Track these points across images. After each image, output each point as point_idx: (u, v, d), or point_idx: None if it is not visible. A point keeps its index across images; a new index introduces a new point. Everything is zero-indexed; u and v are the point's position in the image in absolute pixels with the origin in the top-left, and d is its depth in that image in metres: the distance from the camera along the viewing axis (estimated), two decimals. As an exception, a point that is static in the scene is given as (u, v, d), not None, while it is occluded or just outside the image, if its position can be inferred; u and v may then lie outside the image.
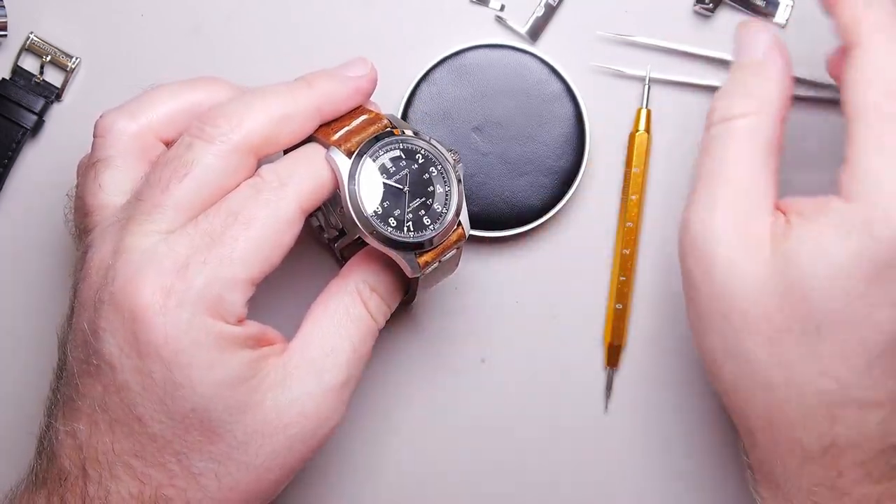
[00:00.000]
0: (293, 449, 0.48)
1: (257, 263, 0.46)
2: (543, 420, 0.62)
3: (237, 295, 0.46)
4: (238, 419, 0.46)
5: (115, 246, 0.46)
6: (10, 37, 0.61)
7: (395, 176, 0.50)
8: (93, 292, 0.46)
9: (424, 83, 0.60)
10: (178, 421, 0.45)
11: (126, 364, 0.45)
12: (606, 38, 0.62)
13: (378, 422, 0.62)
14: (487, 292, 0.62)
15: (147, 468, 0.46)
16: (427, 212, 0.50)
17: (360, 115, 0.52)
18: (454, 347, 0.62)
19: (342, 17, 0.62)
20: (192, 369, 0.45)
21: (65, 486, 0.46)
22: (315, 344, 0.49)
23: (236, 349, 0.46)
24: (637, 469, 0.62)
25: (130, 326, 0.44)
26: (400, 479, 0.62)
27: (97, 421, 0.46)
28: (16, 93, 0.61)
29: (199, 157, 0.47)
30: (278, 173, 0.48)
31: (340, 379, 0.49)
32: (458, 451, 0.62)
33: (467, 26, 0.62)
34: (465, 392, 0.62)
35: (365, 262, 0.52)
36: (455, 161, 0.51)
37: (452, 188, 0.51)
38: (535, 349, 0.62)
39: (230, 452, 0.46)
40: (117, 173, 0.49)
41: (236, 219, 0.46)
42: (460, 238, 0.51)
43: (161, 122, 0.51)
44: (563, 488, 0.62)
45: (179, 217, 0.46)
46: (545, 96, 0.60)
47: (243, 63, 0.62)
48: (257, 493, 0.48)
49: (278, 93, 0.49)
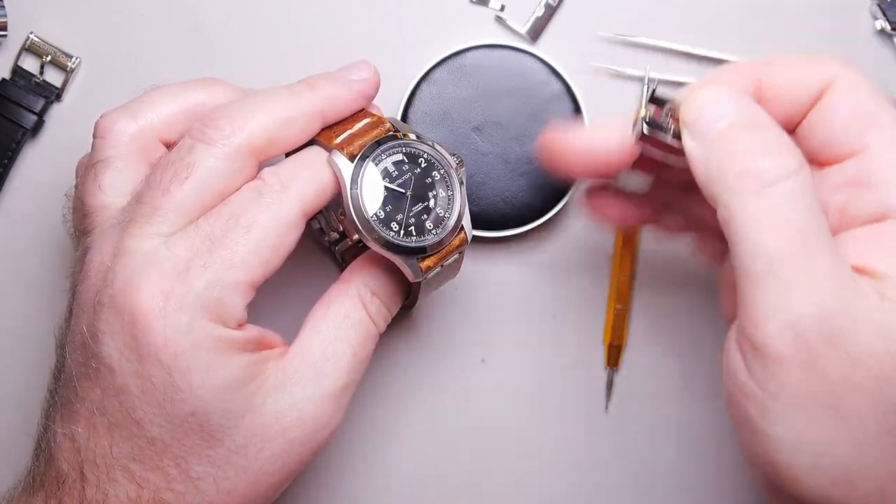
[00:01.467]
0: (292, 453, 0.48)
1: (258, 267, 0.46)
2: (543, 420, 0.62)
3: (237, 298, 0.46)
4: (237, 423, 0.46)
5: (115, 248, 0.46)
6: (10, 37, 0.61)
7: (398, 180, 0.50)
8: (92, 294, 0.46)
9: (424, 83, 0.60)
10: (177, 425, 0.45)
11: (125, 367, 0.45)
12: (606, 38, 0.62)
13: (378, 422, 0.62)
14: (487, 292, 0.62)
15: (145, 472, 0.46)
16: (429, 216, 0.50)
17: (362, 118, 0.51)
18: (454, 348, 0.62)
19: (342, 17, 0.62)
20: (192, 373, 0.44)
21: (62, 489, 0.46)
22: (315, 348, 0.49)
23: (236, 353, 0.46)
24: (637, 469, 0.62)
25: (130, 329, 0.44)
26: (400, 479, 0.62)
27: (96, 424, 0.46)
28: (16, 93, 0.61)
29: (201, 160, 0.47)
30: (280, 176, 0.48)
31: (340, 383, 0.49)
32: (459, 452, 0.62)
33: (467, 26, 0.62)
34: (465, 392, 0.62)
35: (366, 266, 0.52)
36: (458, 165, 0.51)
37: (455, 192, 0.51)
38: (535, 349, 0.62)
39: (229, 456, 0.46)
40: (117, 174, 0.49)
41: (237, 222, 0.46)
42: (463, 242, 0.51)
43: (162, 123, 0.50)
44: (564, 488, 0.62)
45: (180, 220, 0.46)
46: (545, 96, 0.60)
47: (243, 63, 0.62)
48: (255, 497, 0.47)
49: (281, 95, 0.49)
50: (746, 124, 0.44)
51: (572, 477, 0.62)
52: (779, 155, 0.43)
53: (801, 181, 0.42)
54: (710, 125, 0.44)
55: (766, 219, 0.41)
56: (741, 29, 0.62)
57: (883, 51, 0.62)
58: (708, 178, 0.44)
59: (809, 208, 0.42)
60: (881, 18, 0.60)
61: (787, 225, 0.41)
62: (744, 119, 0.44)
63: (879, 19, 0.61)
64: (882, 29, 0.61)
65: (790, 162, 0.42)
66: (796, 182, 0.42)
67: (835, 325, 0.40)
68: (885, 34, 0.61)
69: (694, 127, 0.45)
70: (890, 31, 0.60)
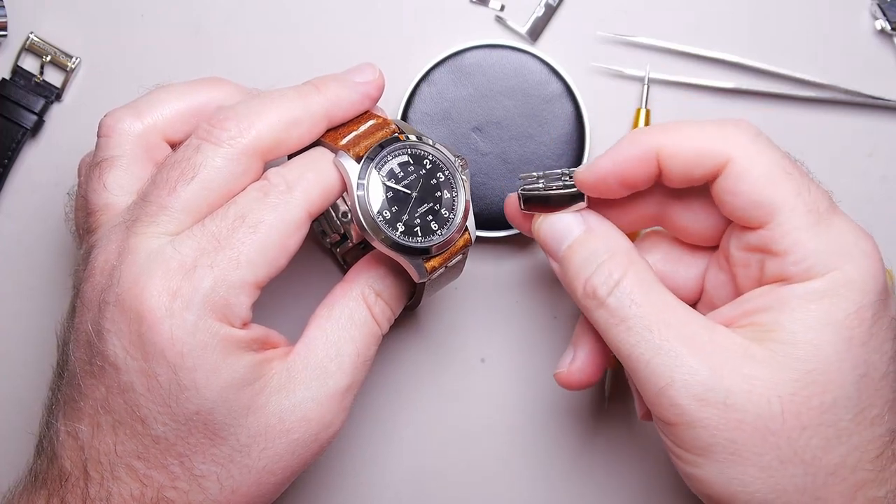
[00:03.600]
0: (295, 453, 0.48)
1: (263, 266, 0.46)
2: (543, 420, 0.62)
3: (243, 298, 0.46)
4: (241, 422, 0.46)
5: (121, 247, 0.46)
6: (10, 37, 0.61)
7: (404, 181, 0.50)
8: (97, 293, 0.46)
9: (424, 83, 0.60)
10: (181, 423, 0.45)
11: (131, 365, 0.45)
12: (606, 38, 0.62)
13: (378, 421, 0.62)
14: (487, 292, 0.62)
15: (149, 470, 0.46)
16: (434, 217, 0.50)
17: (367, 119, 0.51)
18: (454, 347, 0.62)
19: (342, 18, 0.62)
20: (197, 372, 0.45)
21: (65, 486, 0.46)
22: (319, 348, 0.49)
23: (241, 352, 0.46)
24: (637, 469, 0.62)
25: (136, 328, 0.44)
26: (400, 478, 0.62)
27: (100, 422, 0.46)
28: (16, 93, 0.61)
29: (207, 160, 0.47)
30: (286, 177, 0.48)
31: (344, 384, 0.49)
32: (458, 451, 0.62)
33: (467, 26, 0.62)
34: (465, 392, 0.62)
35: (370, 267, 0.52)
36: (462, 166, 0.51)
37: (459, 193, 0.51)
38: (535, 349, 0.62)
39: (233, 455, 0.46)
40: (122, 173, 0.49)
41: (243, 222, 0.46)
42: (467, 243, 0.51)
43: (166, 123, 0.50)
44: (564, 488, 0.62)
45: (186, 219, 0.46)
46: (545, 96, 0.60)
47: (243, 63, 0.62)
48: (258, 496, 0.47)
49: (287, 97, 0.49)
50: (579, 244, 0.50)
51: (572, 476, 0.62)
52: (605, 269, 0.49)
53: (627, 284, 0.48)
54: (556, 250, 0.51)
55: (616, 322, 0.47)
56: (741, 29, 0.62)
57: (883, 51, 0.62)
58: (568, 291, 0.51)
59: (643, 300, 0.48)
60: (881, 18, 0.61)
61: (635, 320, 0.47)
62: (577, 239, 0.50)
63: (879, 19, 0.61)
64: (882, 29, 0.61)
65: (615, 272, 0.48)
66: (624, 287, 0.48)
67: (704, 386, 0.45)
68: (885, 34, 0.61)
69: (547, 249, 0.52)
70: (890, 31, 0.61)
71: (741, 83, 0.61)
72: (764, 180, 0.47)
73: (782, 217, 0.46)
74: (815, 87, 0.61)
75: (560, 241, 0.51)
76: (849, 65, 0.62)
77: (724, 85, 0.61)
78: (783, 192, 0.47)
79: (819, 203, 0.47)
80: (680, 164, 0.48)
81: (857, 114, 0.62)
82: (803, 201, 0.46)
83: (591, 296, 0.48)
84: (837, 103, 0.61)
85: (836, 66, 0.62)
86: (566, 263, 0.50)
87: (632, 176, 0.49)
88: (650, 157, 0.48)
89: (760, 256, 0.48)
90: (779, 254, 0.47)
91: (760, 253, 0.48)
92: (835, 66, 0.62)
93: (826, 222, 0.46)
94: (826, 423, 0.45)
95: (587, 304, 0.49)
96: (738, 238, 0.49)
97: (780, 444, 0.44)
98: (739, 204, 0.47)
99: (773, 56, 0.61)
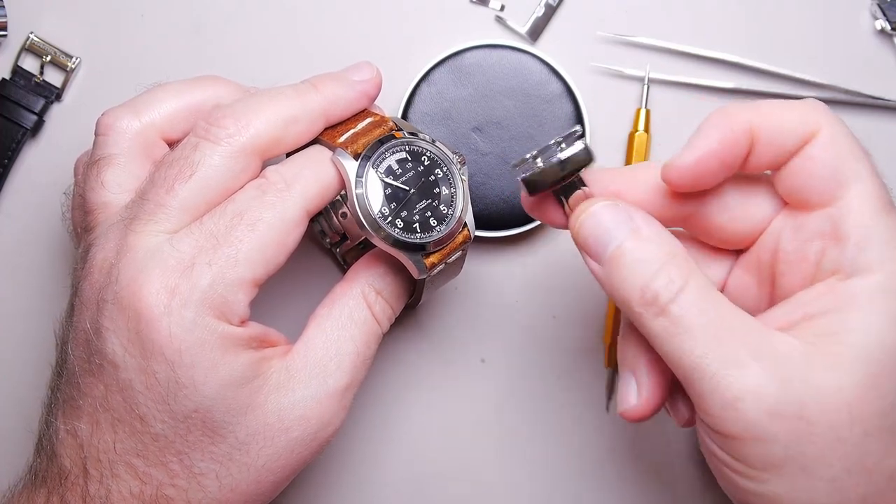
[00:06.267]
0: (294, 451, 0.48)
1: (262, 264, 0.46)
2: (544, 420, 0.62)
3: (241, 296, 0.46)
4: (240, 420, 0.46)
5: (119, 245, 0.46)
6: (10, 37, 0.61)
7: (402, 178, 0.50)
8: (96, 291, 0.46)
9: (424, 83, 0.60)
10: (180, 421, 0.45)
11: (129, 363, 0.45)
12: (606, 38, 0.62)
13: (377, 421, 0.62)
14: (487, 292, 0.62)
15: (148, 467, 0.46)
16: (433, 213, 0.50)
17: (365, 117, 0.52)
18: (454, 347, 0.62)
19: (342, 17, 0.62)
20: (196, 369, 0.45)
21: (65, 485, 0.46)
22: (319, 347, 0.49)
23: (240, 350, 0.46)
24: (637, 468, 0.62)
25: (135, 326, 0.44)
26: (400, 477, 0.62)
27: (99, 420, 0.46)
28: (16, 93, 0.61)
29: (205, 158, 0.47)
30: (284, 175, 0.48)
31: (343, 383, 0.49)
32: (458, 451, 0.62)
33: (467, 26, 0.62)
34: (465, 392, 0.62)
35: (370, 266, 0.52)
36: (460, 163, 0.51)
37: (458, 190, 0.51)
38: (535, 349, 0.62)
39: (231, 453, 0.46)
40: (120, 171, 0.49)
41: (241, 220, 0.46)
42: (466, 239, 0.51)
43: (164, 121, 0.51)
44: (564, 488, 0.62)
45: (184, 217, 0.46)
46: (545, 96, 0.60)
47: (243, 63, 0.62)
48: (257, 494, 0.48)
49: (285, 95, 0.49)
50: (630, 245, 0.45)
51: (572, 476, 0.62)
52: (664, 274, 0.44)
53: (690, 291, 0.44)
54: (601, 252, 0.46)
55: (678, 332, 0.43)
56: (741, 29, 0.62)
57: (883, 51, 0.62)
58: (615, 298, 0.46)
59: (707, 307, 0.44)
60: (881, 18, 0.61)
61: (700, 329, 0.43)
62: (627, 240, 0.45)
63: (879, 19, 0.61)
64: (882, 29, 0.61)
65: (676, 278, 0.44)
66: (688, 294, 0.44)
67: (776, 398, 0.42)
68: (885, 34, 0.61)
69: (588, 251, 0.46)
70: (890, 31, 0.61)
71: (741, 83, 0.61)
72: (846, 152, 0.45)
73: (854, 191, 0.44)
74: (815, 87, 0.61)
75: (606, 242, 0.45)
76: (849, 65, 0.62)
77: (724, 85, 0.61)
78: (861, 169, 0.45)
79: (886, 192, 0.45)
80: (775, 135, 0.46)
81: (857, 114, 0.62)
82: (876, 185, 0.45)
83: (651, 303, 0.44)
84: (837, 103, 0.61)
85: (836, 66, 0.62)
86: (613, 267, 0.45)
87: (731, 155, 0.46)
88: (746, 131, 0.46)
89: (820, 245, 0.45)
90: (842, 237, 0.44)
91: (820, 240, 0.45)
92: (835, 66, 0.62)
93: (890, 213, 0.44)
94: (886, 427, 0.42)
95: (643, 311, 0.44)
96: (796, 226, 0.46)
97: (849, 454, 0.42)
98: (817, 171, 0.45)
99: (773, 56, 0.61)
